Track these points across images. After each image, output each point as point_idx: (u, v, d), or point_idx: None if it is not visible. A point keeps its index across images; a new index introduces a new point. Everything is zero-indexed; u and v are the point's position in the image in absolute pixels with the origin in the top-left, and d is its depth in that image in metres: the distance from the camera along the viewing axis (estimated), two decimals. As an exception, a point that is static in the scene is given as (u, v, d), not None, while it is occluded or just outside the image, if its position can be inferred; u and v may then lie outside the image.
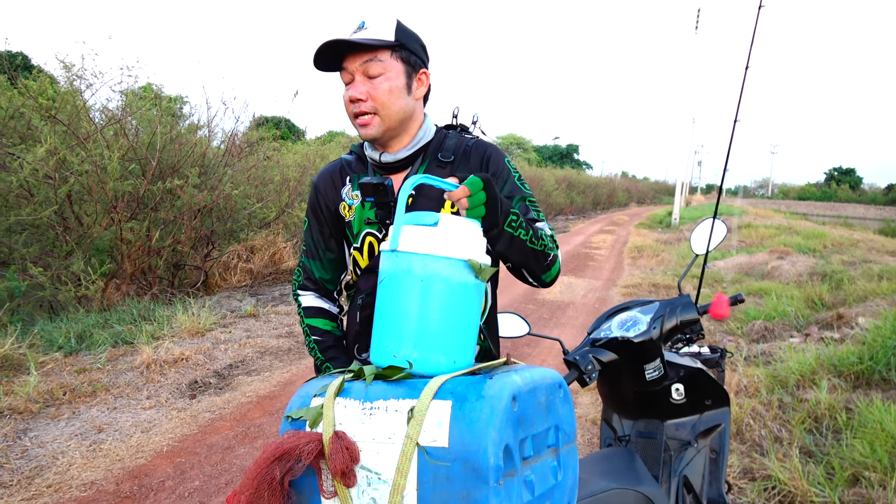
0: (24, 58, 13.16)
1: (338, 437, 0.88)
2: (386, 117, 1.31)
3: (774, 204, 44.84)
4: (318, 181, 1.49)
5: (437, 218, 1.01)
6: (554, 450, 0.95)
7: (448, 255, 0.99)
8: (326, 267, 1.50)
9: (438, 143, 1.42)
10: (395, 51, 1.29)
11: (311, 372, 4.46)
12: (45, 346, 4.69)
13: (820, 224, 17.52)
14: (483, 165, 1.38)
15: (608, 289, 8.32)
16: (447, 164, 1.39)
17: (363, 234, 1.41)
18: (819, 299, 6.17)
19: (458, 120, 1.51)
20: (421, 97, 1.37)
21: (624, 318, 1.61)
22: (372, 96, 1.29)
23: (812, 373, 3.90)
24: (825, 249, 10.01)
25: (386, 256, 1.03)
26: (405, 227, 1.01)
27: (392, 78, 1.29)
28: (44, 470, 2.97)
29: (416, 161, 1.40)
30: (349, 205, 1.43)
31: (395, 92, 1.30)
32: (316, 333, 1.47)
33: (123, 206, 5.99)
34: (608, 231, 18.76)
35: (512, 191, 1.39)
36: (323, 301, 1.51)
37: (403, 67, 1.31)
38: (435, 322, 0.98)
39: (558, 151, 53.67)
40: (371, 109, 1.30)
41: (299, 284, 1.53)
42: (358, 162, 1.46)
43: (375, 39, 1.26)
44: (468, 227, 1.04)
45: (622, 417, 1.74)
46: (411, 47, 1.32)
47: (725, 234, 1.80)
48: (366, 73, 1.28)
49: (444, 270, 0.98)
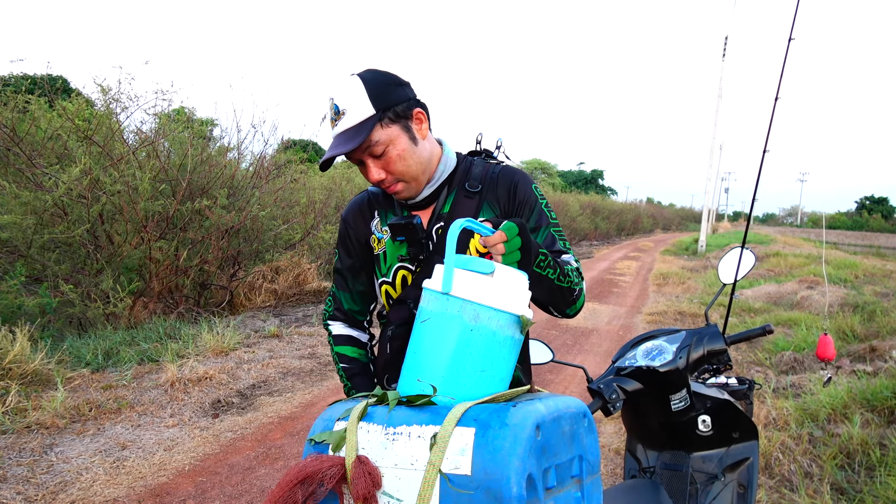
0: (65, 81, 13.57)
1: (360, 461, 0.88)
2: (411, 179, 1.32)
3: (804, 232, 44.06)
4: (347, 215, 1.49)
5: (492, 266, 1.00)
6: (578, 480, 0.94)
7: (502, 308, 0.98)
8: (356, 299, 1.52)
9: (464, 171, 1.41)
10: (382, 120, 1.26)
11: (333, 394, 4.46)
12: (73, 361, 4.77)
13: (851, 254, 17.16)
14: (511, 193, 1.37)
15: (632, 316, 8.22)
16: (475, 193, 1.38)
17: (395, 268, 1.41)
18: (851, 331, 6.02)
19: (481, 145, 1.51)
20: (426, 135, 1.35)
21: (649, 347, 1.59)
22: (388, 170, 1.29)
23: (844, 406, 3.79)
24: (857, 280, 9.79)
25: (433, 297, 1.02)
26: (458, 272, 1.00)
27: (396, 144, 1.27)
28: (68, 485, 3.00)
29: (441, 193, 1.39)
30: (378, 238, 1.44)
31: (405, 155, 1.29)
32: (344, 361, 1.50)
33: (153, 226, 6.12)
34: (633, 257, 18.59)
35: (539, 220, 1.37)
36: (352, 329, 1.54)
37: (399, 126, 1.28)
38: (472, 370, 0.97)
39: (583, 177, 53.56)
40: (394, 181, 1.31)
41: (329, 315, 1.55)
42: (384, 196, 1.47)
43: (360, 125, 1.24)
44: (520, 280, 1.03)
45: (647, 448, 1.71)
46: (392, 100, 1.27)
47: (753, 264, 1.78)
48: (371, 156, 1.28)
49: (495, 323, 0.98)
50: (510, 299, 0.99)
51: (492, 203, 1.37)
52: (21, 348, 4.20)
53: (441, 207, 1.38)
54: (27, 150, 5.52)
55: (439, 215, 1.38)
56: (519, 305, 1.00)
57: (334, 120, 1.27)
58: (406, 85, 1.32)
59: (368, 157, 1.28)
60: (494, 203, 1.37)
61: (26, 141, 5.58)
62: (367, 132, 1.23)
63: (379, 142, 1.25)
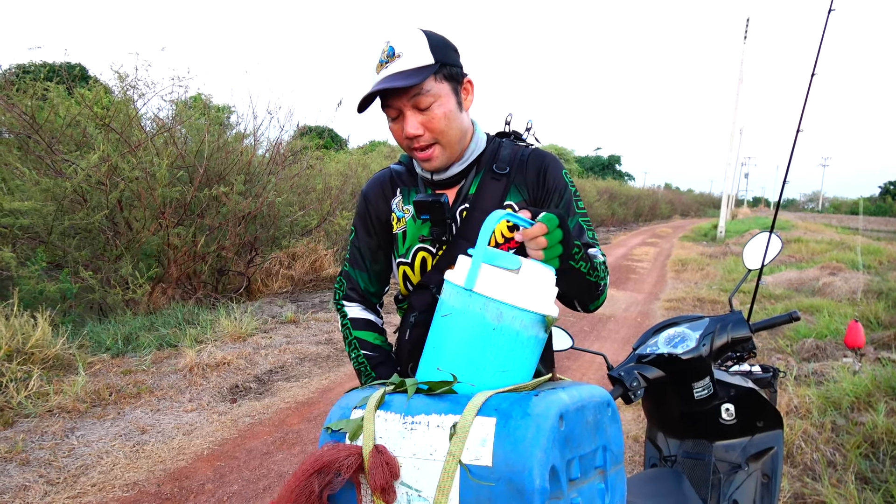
0: (82, 69, 13.68)
1: (378, 451, 0.86)
2: (447, 144, 1.25)
3: (825, 218, 43.37)
4: (367, 191, 1.43)
5: (519, 263, 0.95)
6: (601, 471, 0.91)
7: (527, 307, 0.94)
8: (373, 279, 1.46)
9: (492, 153, 1.36)
10: (437, 73, 1.20)
11: (350, 379, 4.47)
12: (93, 347, 4.82)
13: (875, 240, 16.85)
14: (540, 177, 1.32)
15: (650, 302, 8.14)
16: (502, 175, 1.33)
17: (415, 249, 1.36)
18: (875, 318, 5.91)
19: (510, 127, 1.45)
20: (469, 107, 1.30)
21: (671, 334, 1.56)
22: (429, 127, 1.22)
23: (868, 394, 3.72)
24: (881, 266, 9.61)
25: (455, 291, 0.97)
26: (485, 267, 0.95)
27: (444, 102, 1.21)
28: (89, 469, 3.03)
29: (469, 174, 1.34)
30: (399, 217, 1.38)
31: (449, 116, 1.23)
32: (366, 348, 1.42)
33: (171, 212, 6.15)
34: (651, 243, 18.42)
35: (568, 208, 1.33)
36: (369, 313, 1.47)
37: (450, 86, 1.23)
38: (493, 370, 0.94)
39: (600, 162, 53.10)
40: (430, 141, 1.24)
41: (343, 294, 1.47)
42: (408, 174, 1.41)
43: (417, 69, 1.18)
44: (547, 276, 0.99)
45: (668, 437, 1.68)
46: (450, 60, 1.22)
47: (780, 249, 1.73)
48: (416, 107, 1.20)
49: (519, 323, 0.94)
50: (536, 298, 0.95)
51: (519, 186, 1.32)
52: (43, 333, 4.25)
53: (468, 188, 1.33)
54: (47, 138, 5.56)
55: (465, 196, 1.33)
56: (545, 304, 0.96)
57: (384, 63, 1.19)
58: (458, 52, 1.28)
59: (411, 107, 1.20)
60: (522, 186, 1.33)
61: (46, 128, 5.62)
62: (423, 76, 1.16)
63: (430, 92, 1.19)
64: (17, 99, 5.50)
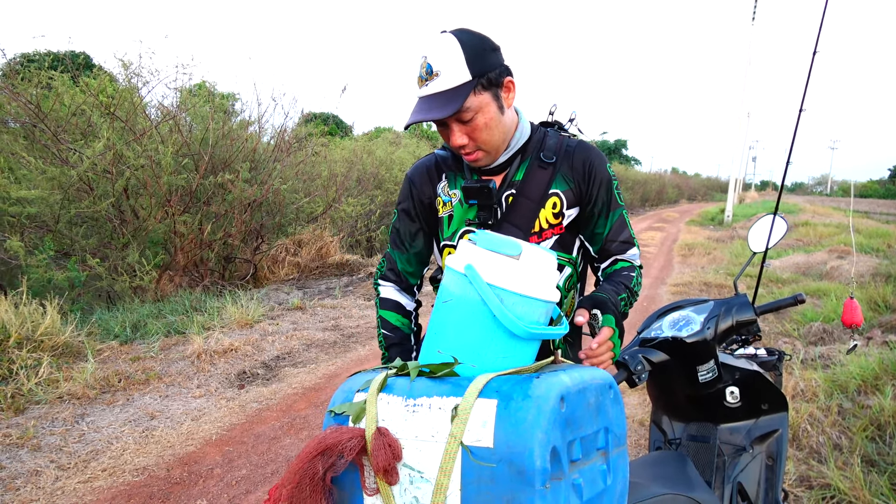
0: (87, 57, 13.65)
1: (380, 433, 0.86)
2: (492, 148, 1.31)
3: (833, 202, 43.04)
4: (413, 175, 1.48)
5: (520, 248, 0.95)
6: (603, 453, 0.92)
7: (528, 293, 0.94)
8: (411, 260, 1.52)
9: (538, 141, 1.40)
10: (476, 87, 1.21)
11: (356, 365, 4.50)
12: (102, 334, 4.86)
13: (884, 223, 16.72)
14: (587, 170, 1.37)
15: (657, 287, 8.13)
16: (549, 164, 1.37)
17: (461, 232, 1.41)
18: (883, 301, 5.88)
19: (554, 117, 1.49)
20: (511, 104, 1.31)
21: (676, 318, 1.56)
22: (472, 137, 1.27)
23: (875, 378, 3.71)
24: (889, 249, 9.55)
25: (456, 277, 0.97)
26: (483, 252, 0.95)
27: (485, 111, 1.24)
28: (99, 454, 3.07)
29: (514, 161, 1.38)
30: (445, 201, 1.43)
31: (491, 125, 1.26)
32: (386, 328, 1.50)
33: (177, 200, 6.17)
34: (657, 228, 18.35)
35: (611, 202, 1.39)
36: (401, 294, 1.53)
37: (490, 94, 1.24)
38: (494, 356, 0.94)
39: (606, 147, 52.81)
40: (475, 148, 1.29)
41: (381, 274, 1.55)
42: (454, 159, 1.45)
43: (455, 90, 1.20)
44: (548, 261, 0.98)
45: (672, 420, 1.68)
46: (487, 67, 1.22)
47: (786, 231, 1.72)
48: (459, 121, 1.24)
49: (519, 309, 0.94)
50: (538, 284, 0.95)
51: (565, 175, 1.37)
52: (52, 321, 4.29)
53: (513, 175, 1.38)
54: (52, 126, 5.57)
55: (511, 182, 1.38)
56: (547, 290, 0.96)
57: (425, 80, 1.22)
58: (498, 50, 1.26)
59: (455, 121, 1.25)
60: (568, 176, 1.37)
61: (51, 117, 5.63)
62: (462, 98, 1.19)
63: (470, 108, 1.22)
64: (22, 88, 5.51)
